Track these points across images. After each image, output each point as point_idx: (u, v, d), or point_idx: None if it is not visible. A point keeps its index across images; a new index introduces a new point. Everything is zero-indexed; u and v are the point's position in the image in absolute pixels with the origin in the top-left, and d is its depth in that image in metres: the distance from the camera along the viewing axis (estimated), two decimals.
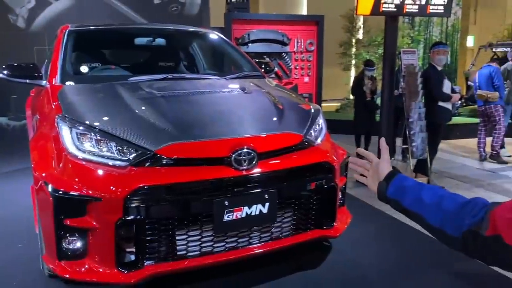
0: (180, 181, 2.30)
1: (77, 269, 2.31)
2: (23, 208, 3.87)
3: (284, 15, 8.81)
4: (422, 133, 5.37)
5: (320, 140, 2.87)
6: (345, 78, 11.76)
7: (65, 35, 3.51)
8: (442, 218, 0.97)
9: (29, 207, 3.64)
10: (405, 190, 1.07)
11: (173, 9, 8.58)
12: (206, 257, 2.44)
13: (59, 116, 2.52)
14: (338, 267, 2.93)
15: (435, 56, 5.31)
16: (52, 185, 2.27)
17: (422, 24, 11.84)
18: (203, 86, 3.21)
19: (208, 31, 4.37)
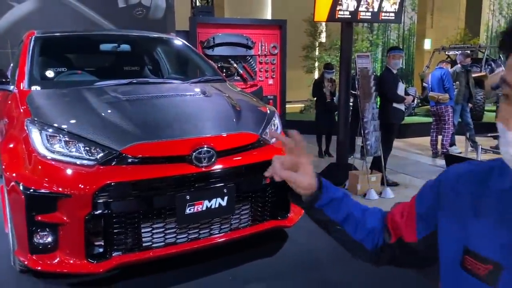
0: (144, 177, 2.52)
1: (48, 261, 2.48)
2: None
3: (248, 19, 9.05)
4: (375, 132, 5.73)
5: (275, 139, 3.14)
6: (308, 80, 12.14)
7: (32, 41, 3.64)
8: (364, 235, 0.96)
9: None
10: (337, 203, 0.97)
11: (138, 13, 8.65)
12: (170, 247, 2.66)
13: (29, 120, 2.68)
14: (293, 254, 3.21)
15: (391, 60, 5.65)
16: (23, 184, 2.44)
17: (380, 29, 12.41)
18: (166, 90, 3.42)
19: (171, 37, 4.57)
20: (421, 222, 0.85)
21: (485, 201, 0.74)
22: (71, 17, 7.74)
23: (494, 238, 0.71)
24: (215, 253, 3.06)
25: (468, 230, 0.75)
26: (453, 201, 0.79)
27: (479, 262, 0.71)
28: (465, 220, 0.75)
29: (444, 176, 0.84)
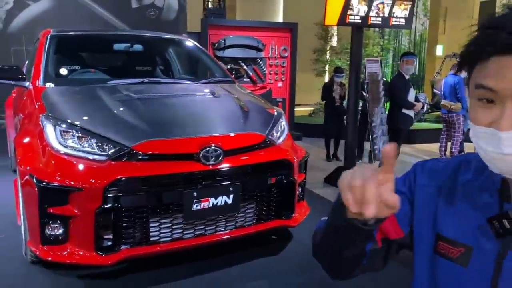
0: (154, 174, 2.60)
1: (59, 253, 2.57)
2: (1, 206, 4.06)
3: (259, 22, 9.12)
4: (384, 137, 5.77)
5: (282, 140, 3.20)
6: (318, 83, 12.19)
7: (48, 39, 3.75)
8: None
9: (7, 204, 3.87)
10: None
11: (151, 14, 8.75)
12: (176, 242, 2.73)
13: (43, 115, 2.78)
14: (297, 253, 3.26)
15: (403, 65, 5.65)
16: (37, 176, 2.53)
17: (391, 34, 12.41)
18: (176, 89, 3.50)
19: (183, 38, 4.66)
20: (401, 218, 0.88)
21: (453, 192, 0.82)
22: (85, 16, 7.87)
23: (463, 224, 0.78)
24: (221, 250, 3.13)
25: (440, 219, 0.82)
26: (425, 195, 0.86)
27: (452, 246, 0.79)
28: (437, 211, 0.83)
29: (420, 170, 0.89)
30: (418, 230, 0.86)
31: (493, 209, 0.76)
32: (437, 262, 0.81)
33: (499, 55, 0.68)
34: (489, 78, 0.69)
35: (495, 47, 0.68)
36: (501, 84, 0.68)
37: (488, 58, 0.69)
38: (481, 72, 0.71)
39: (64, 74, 3.77)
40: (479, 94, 0.71)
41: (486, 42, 0.69)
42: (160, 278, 2.84)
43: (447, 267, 0.79)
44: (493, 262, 0.74)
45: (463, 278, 0.77)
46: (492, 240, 0.74)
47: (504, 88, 0.67)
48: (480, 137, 0.72)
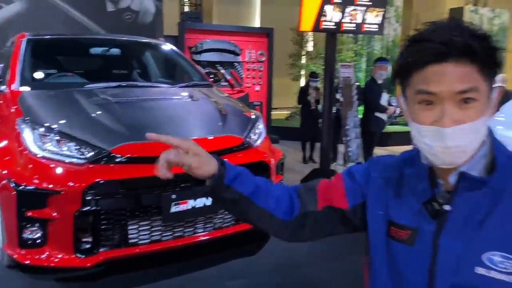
0: (132, 176, 2.63)
1: (37, 256, 2.57)
2: None
3: (235, 27, 9.20)
4: (357, 139, 5.93)
5: (259, 143, 3.28)
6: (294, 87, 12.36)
7: (23, 43, 3.72)
8: (275, 204, 1.02)
9: None
10: (242, 177, 1.02)
11: (127, 17, 8.72)
12: (155, 244, 2.77)
13: (20, 119, 2.78)
14: (274, 253, 3.34)
15: (376, 70, 5.82)
16: (15, 180, 2.54)
17: (365, 39, 12.67)
18: (154, 93, 3.54)
19: (160, 42, 4.70)
20: (350, 193, 1.02)
21: (400, 183, 0.96)
22: (59, 19, 7.77)
23: (407, 210, 0.92)
24: (199, 251, 3.18)
25: (391, 207, 0.95)
26: (379, 186, 0.99)
27: (401, 230, 0.92)
28: (388, 200, 0.96)
29: (374, 165, 1.03)
30: (372, 217, 0.98)
31: (427, 194, 0.90)
32: (391, 244, 0.93)
33: (434, 63, 0.80)
34: (429, 84, 0.81)
35: (431, 57, 0.80)
36: (440, 88, 0.80)
37: (424, 67, 0.81)
38: (420, 80, 0.83)
39: (41, 77, 3.74)
40: (421, 98, 0.84)
41: (422, 53, 0.81)
42: (139, 280, 2.86)
43: (398, 248, 0.92)
44: (431, 240, 0.87)
45: (411, 256, 0.89)
46: (430, 221, 0.88)
47: (442, 91, 0.80)
48: (424, 135, 0.84)
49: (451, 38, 0.79)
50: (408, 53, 0.84)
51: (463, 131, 0.80)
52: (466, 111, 0.81)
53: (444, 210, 0.86)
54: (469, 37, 0.80)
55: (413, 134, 0.87)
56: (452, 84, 0.79)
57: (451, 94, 0.80)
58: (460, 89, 0.79)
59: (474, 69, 0.80)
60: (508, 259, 0.80)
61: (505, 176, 0.84)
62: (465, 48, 0.79)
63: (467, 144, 0.82)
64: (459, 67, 0.79)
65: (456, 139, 0.81)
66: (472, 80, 0.80)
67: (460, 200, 0.86)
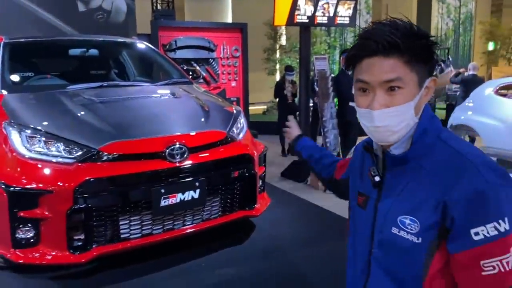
0: (122, 173, 2.71)
1: (30, 255, 2.62)
2: None
3: (209, 23, 9.23)
4: (334, 130, 6.10)
5: (242, 136, 3.40)
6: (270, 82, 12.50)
7: (1, 47, 3.72)
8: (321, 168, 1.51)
9: None
10: (305, 148, 1.57)
11: (99, 17, 8.66)
12: (146, 238, 2.87)
13: (6, 122, 2.81)
14: (260, 241, 3.48)
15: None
16: (6, 182, 2.58)
17: (337, 31, 12.92)
18: (136, 92, 3.61)
19: (138, 41, 4.74)
20: (345, 170, 1.38)
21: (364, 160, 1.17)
22: (29, 21, 7.68)
23: (364, 181, 1.14)
24: (189, 242, 3.28)
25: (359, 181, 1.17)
26: (355, 163, 1.23)
27: (361, 197, 1.14)
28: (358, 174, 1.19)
29: (356, 147, 1.29)
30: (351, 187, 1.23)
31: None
32: (356, 209, 1.17)
33: (368, 57, 0.98)
34: (363, 74, 1.00)
35: (366, 52, 0.98)
36: (371, 77, 0.98)
37: (362, 60, 1.00)
38: (358, 70, 1.02)
39: (21, 81, 3.76)
40: (358, 86, 1.03)
41: (360, 49, 1.00)
42: (132, 274, 2.95)
43: (358, 211, 1.16)
44: (373, 205, 1.09)
45: (363, 218, 1.12)
46: (374, 189, 1.09)
47: (373, 80, 0.98)
48: (361, 117, 1.04)
49: (383, 36, 0.95)
50: (353, 48, 1.03)
51: (388, 114, 0.98)
52: (392, 97, 0.97)
53: (376, 181, 1.07)
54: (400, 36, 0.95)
55: (357, 115, 1.06)
56: (380, 74, 0.97)
57: (379, 82, 0.97)
58: (386, 78, 0.96)
59: (401, 62, 0.96)
60: (414, 222, 0.98)
61: (417, 148, 1.01)
62: (391, 45, 0.95)
63: (393, 125, 0.99)
64: (387, 60, 0.96)
65: (382, 120, 0.98)
66: (398, 71, 0.96)
67: (388, 173, 1.06)
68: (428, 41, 0.98)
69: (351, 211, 1.21)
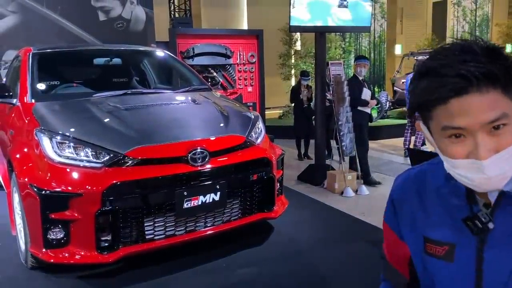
0: (146, 177, 2.85)
1: (61, 255, 2.77)
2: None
3: (226, 30, 9.40)
4: (350, 134, 6.16)
5: (260, 141, 3.51)
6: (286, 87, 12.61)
7: (30, 57, 3.91)
8: None
9: None
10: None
11: (119, 26, 8.87)
12: (170, 239, 2.99)
13: (38, 129, 2.98)
14: (279, 242, 3.59)
15: (357, 68, 6.13)
16: (38, 186, 2.73)
17: (352, 36, 12.97)
18: (159, 99, 3.75)
19: (158, 49, 4.91)
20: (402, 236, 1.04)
21: (428, 197, 0.95)
22: (53, 31, 7.92)
23: (442, 225, 0.91)
24: (210, 243, 3.40)
25: (423, 223, 0.94)
26: (405, 205, 0.99)
27: (437, 246, 0.91)
28: (419, 216, 0.96)
29: (393, 191, 1.04)
30: (409, 237, 0.99)
31: (464, 210, 0.87)
32: (428, 261, 0.93)
33: (455, 97, 0.76)
34: (456, 119, 0.77)
35: (451, 92, 0.76)
36: (467, 121, 0.77)
37: (446, 102, 0.77)
38: (443, 115, 0.79)
39: (49, 89, 3.94)
40: (448, 134, 0.80)
41: (441, 89, 0.77)
42: (156, 274, 3.07)
43: (436, 264, 0.91)
44: (475, 254, 0.86)
45: (451, 272, 0.89)
46: (470, 236, 0.86)
47: (471, 124, 0.77)
48: (459, 168, 0.82)
49: (468, 69, 0.75)
50: (424, 90, 0.80)
51: (501, 159, 0.78)
52: (499, 138, 0.78)
53: (488, 228, 0.84)
54: (485, 62, 0.75)
55: (446, 166, 0.85)
56: (479, 115, 0.76)
57: (481, 125, 0.77)
58: (489, 119, 0.76)
59: (498, 93, 0.76)
60: None
61: None
62: (485, 76, 0.75)
63: (507, 170, 0.79)
64: (483, 96, 0.76)
65: (495, 169, 0.78)
66: (500, 106, 0.76)
67: (501, 216, 0.84)
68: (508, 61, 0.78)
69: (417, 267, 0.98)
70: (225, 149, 3.19)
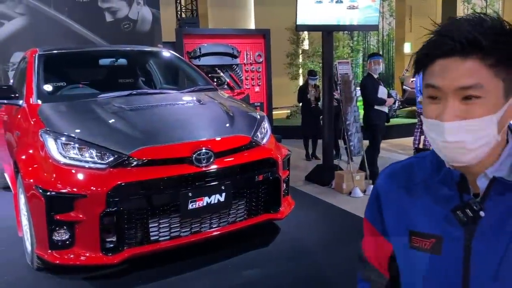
0: (151, 178, 2.83)
1: (66, 256, 2.77)
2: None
3: (232, 30, 9.37)
4: (358, 134, 6.10)
5: (266, 141, 3.48)
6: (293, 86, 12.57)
7: (36, 59, 3.91)
8: None
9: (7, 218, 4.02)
10: None
11: (126, 27, 8.88)
12: (174, 240, 2.97)
13: (43, 130, 2.98)
14: (285, 243, 3.56)
15: (371, 66, 5.98)
16: (43, 187, 2.73)
17: (360, 35, 12.87)
18: (164, 99, 3.74)
19: (165, 50, 4.90)
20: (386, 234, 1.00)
21: (415, 189, 0.93)
22: (60, 32, 7.94)
23: (430, 217, 0.89)
24: (215, 244, 3.37)
25: (409, 216, 0.92)
26: (391, 199, 0.97)
27: (424, 239, 0.88)
28: (405, 210, 0.93)
29: (378, 185, 1.02)
30: (392, 231, 0.97)
31: (454, 200, 0.86)
32: (412, 255, 0.90)
33: (442, 57, 0.79)
34: (435, 78, 0.81)
35: (439, 51, 0.79)
36: (443, 82, 0.79)
37: (434, 61, 0.80)
38: (429, 74, 0.82)
39: (55, 90, 3.94)
40: (428, 92, 0.83)
41: (433, 47, 0.81)
42: (161, 275, 3.06)
43: (422, 258, 0.88)
44: (462, 246, 0.84)
45: (438, 265, 0.86)
46: (458, 227, 0.84)
47: (445, 85, 0.79)
48: (430, 129, 0.84)
49: (462, 33, 0.77)
50: (424, 47, 0.83)
51: (462, 127, 0.78)
52: (468, 108, 0.78)
53: (479, 216, 0.82)
54: (483, 33, 0.76)
55: (424, 127, 0.87)
56: (455, 79, 0.78)
57: (454, 89, 0.78)
58: (462, 84, 0.77)
59: (482, 65, 0.77)
60: None
61: None
62: (471, 43, 0.76)
63: (469, 141, 0.79)
64: (465, 62, 0.77)
65: (454, 135, 0.79)
66: (477, 76, 0.77)
67: (491, 205, 0.83)
68: None
69: (399, 261, 0.96)
70: (230, 150, 3.16)
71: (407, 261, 0.93)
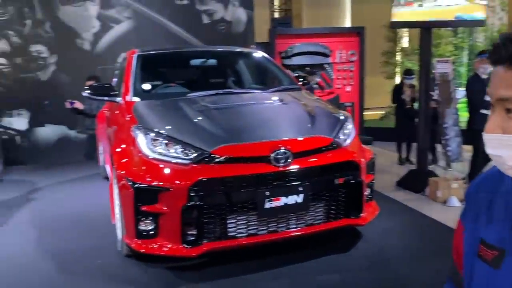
0: (230, 175, 2.89)
1: (150, 246, 2.93)
2: (96, 207, 4.59)
3: (325, 28, 9.22)
4: (457, 138, 5.63)
5: (348, 143, 3.35)
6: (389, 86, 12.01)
7: (134, 59, 4.21)
8: None
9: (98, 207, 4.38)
10: None
11: (221, 28, 9.18)
12: (251, 237, 3.00)
13: (135, 126, 3.19)
14: (366, 250, 3.39)
15: (479, 65, 5.42)
16: (132, 179, 2.92)
17: (466, 31, 11.84)
18: (248, 99, 3.80)
19: (253, 50, 4.98)
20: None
21: (496, 200, 0.88)
22: (161, 34, 8.46)
23: (501, 229, 0.83)
24: (291, 245, 3.34)
25: (483, 225, 0.88)
26: (475, 206, 0.93)
27: (489, 250, 0.83)
28: (481, 218, 0.89)
29: (468, 188, 1.00)
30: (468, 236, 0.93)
31: None
32: (476, 264, 0.87)
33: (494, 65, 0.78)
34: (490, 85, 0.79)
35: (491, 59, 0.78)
36: (490, 90, 0.78)
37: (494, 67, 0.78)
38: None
39: (149, 89, 4.21)
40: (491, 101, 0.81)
41: (490, 53, 0.79)
42: (237, 271, 3.10)
43: (482, 268, 0.84)
44: None
45: (494, 279, 0.81)
46: None
47: (491, 93, 0.78)
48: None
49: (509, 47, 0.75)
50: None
51: (500, 141, 0.75)
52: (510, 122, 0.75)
53: None
54: None
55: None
56: (497, 88, 0.76)
57: (496, 98, 0.77)
58: (500, 95, 0.75)
59: None
60: None
61: None
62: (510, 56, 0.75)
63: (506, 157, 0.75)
64: (506, 73, 0.75)
65: (493, 148, 0.76)
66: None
67: None
68: None
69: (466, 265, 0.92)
70: (310, 150, 3.10)
71: (468, 267, 0.90)
